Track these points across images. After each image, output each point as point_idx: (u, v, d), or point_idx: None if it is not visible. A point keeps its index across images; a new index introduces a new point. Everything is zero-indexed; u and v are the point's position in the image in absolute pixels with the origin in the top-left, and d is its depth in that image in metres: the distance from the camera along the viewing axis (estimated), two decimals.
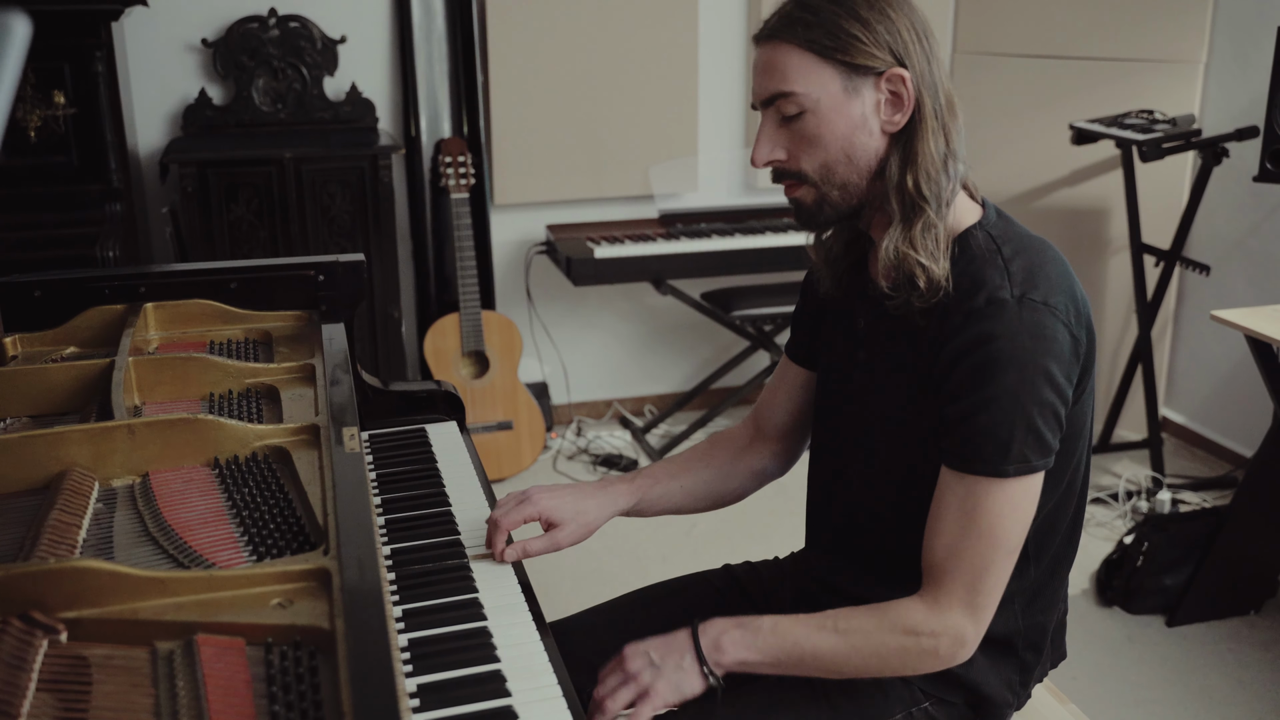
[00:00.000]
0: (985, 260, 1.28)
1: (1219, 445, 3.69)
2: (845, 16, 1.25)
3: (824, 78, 1.26)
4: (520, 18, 3.58)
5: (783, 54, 1.28)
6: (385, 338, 3.46)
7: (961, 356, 1.24)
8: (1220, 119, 3.51)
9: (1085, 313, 1.29)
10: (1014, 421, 1.22)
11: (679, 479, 1.57)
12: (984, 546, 1.25)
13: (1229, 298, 3.52)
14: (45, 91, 2.97)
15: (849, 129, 1.28)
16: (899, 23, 1.26)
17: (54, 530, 1.19)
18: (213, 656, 1.02)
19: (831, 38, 1.25)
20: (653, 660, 1.30)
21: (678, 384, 4.15)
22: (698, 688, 1.29)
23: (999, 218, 1.36)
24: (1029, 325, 1.22)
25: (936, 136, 1.29)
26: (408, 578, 1.38)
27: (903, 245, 1.28)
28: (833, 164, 1.30)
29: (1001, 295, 1.24)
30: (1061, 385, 1.24)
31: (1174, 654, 2.70)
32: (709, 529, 3.21)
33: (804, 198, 1.34)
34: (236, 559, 1.20)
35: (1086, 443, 1.37)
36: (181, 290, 1.79)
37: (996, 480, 1.23)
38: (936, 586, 1.27)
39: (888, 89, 1.27)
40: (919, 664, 1.29)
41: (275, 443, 1.42)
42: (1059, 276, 1.27)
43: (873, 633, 1.28)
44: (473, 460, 1.75)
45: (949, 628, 1.26)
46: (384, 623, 1.03)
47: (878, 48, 1.25)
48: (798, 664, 1.30)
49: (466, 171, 3.43)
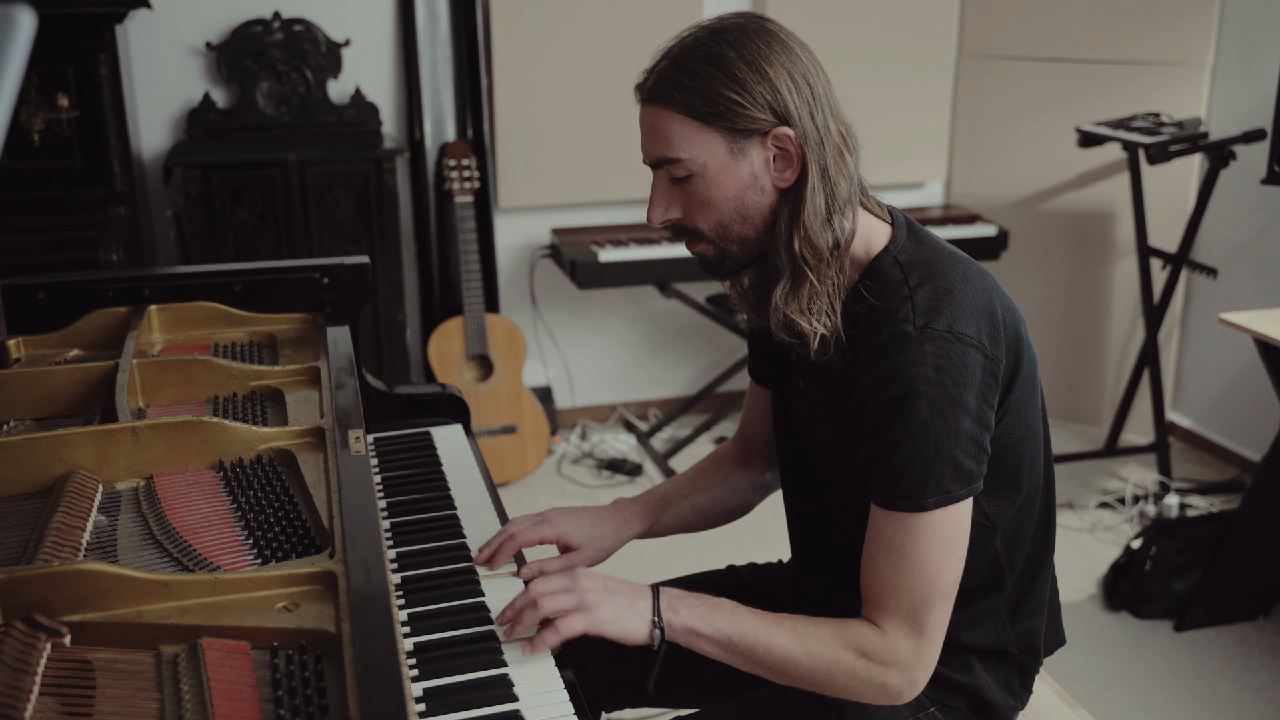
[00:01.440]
0: (891, 291, 1.26)
1: (1227, 449, 3.67)
2: (722, 80, 1.22)
3: (708, 142, 1.25)
4: (524, 20, 3.57)
5: (664, 119, 1.26)
6: (389, 341, 3.45)
7: (871, 394, 1.24)
8: (1227, 122, 3.50)
9: (1009, 327, 1.27)
10: (928, 455, 1.21)
11: (690, 499, 1.59)
12: (918, 583, 1.24)
13: (1236, 301, 3.50)
14: (49, 95, 2.97)
15: (739, 189, 1.26)
16: (777, 79, 1.23)
17: (57, 532, 1.18)
18: (218, 660, 1.01)
19: (710, 104, 1.22)
20: (607, 587, 1.28)
21: (682, 388, 4.14)
22: (640, 635, 1.26)
23: (910, 238, 1.32)
24: (934, 356, 1.21)
25: (816, 196, 1.25)
26: (413, 581, 1.38)
27: (788, 309, 1.28)
28: (727, 223, 1.29)
29: (904, 329, 1.22)
30: (977, 410, 1.22)
31: (1182, 659, 2.68)
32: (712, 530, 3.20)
33: (705, 252, 1.33)
34: (241, 562, 1.19)
35: (1039, 445, 1.36)
36: (186, 293, 1.79)
37: (921, 515, 1.22)
38: (879, 616, 1.26)
39: (774, 146, 1.25)
40: (864, 691, 1.27)
41: (280, 445, 1.41)
42: (970, 298, 1.25)
43: (829, 644, 1.26)
44: (478, 464, 1.75)
45: (898, 658, 1.25)
46: (392, 626, 1.02)
47: (758, 109, 1.22)
48: (747, 653, 1.27)
49: (471, 175, 3.43)
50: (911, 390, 1.20)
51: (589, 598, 1.26)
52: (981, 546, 1.34)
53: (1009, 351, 1.26)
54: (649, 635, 1.26)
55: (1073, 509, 3.36)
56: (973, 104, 4.01)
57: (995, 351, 1.24)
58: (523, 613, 1.25)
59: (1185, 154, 3.30)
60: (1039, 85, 3.84)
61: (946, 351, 1.21)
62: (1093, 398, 3.94)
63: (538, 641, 1.24)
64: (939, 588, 1.24)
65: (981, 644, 1.40)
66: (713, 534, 3.14)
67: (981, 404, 1.23)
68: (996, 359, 1.24)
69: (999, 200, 4.00)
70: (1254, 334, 2.52)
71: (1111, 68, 3.69)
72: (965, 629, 1.39)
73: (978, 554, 1.34)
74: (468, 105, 3.63)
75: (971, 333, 1.22)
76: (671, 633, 1.27)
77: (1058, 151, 3.79)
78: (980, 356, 1.22)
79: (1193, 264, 3.43)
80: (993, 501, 1.33)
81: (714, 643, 1.28)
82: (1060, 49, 3.78)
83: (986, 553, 1.35)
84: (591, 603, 1.25)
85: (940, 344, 1.21)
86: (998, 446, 1.28)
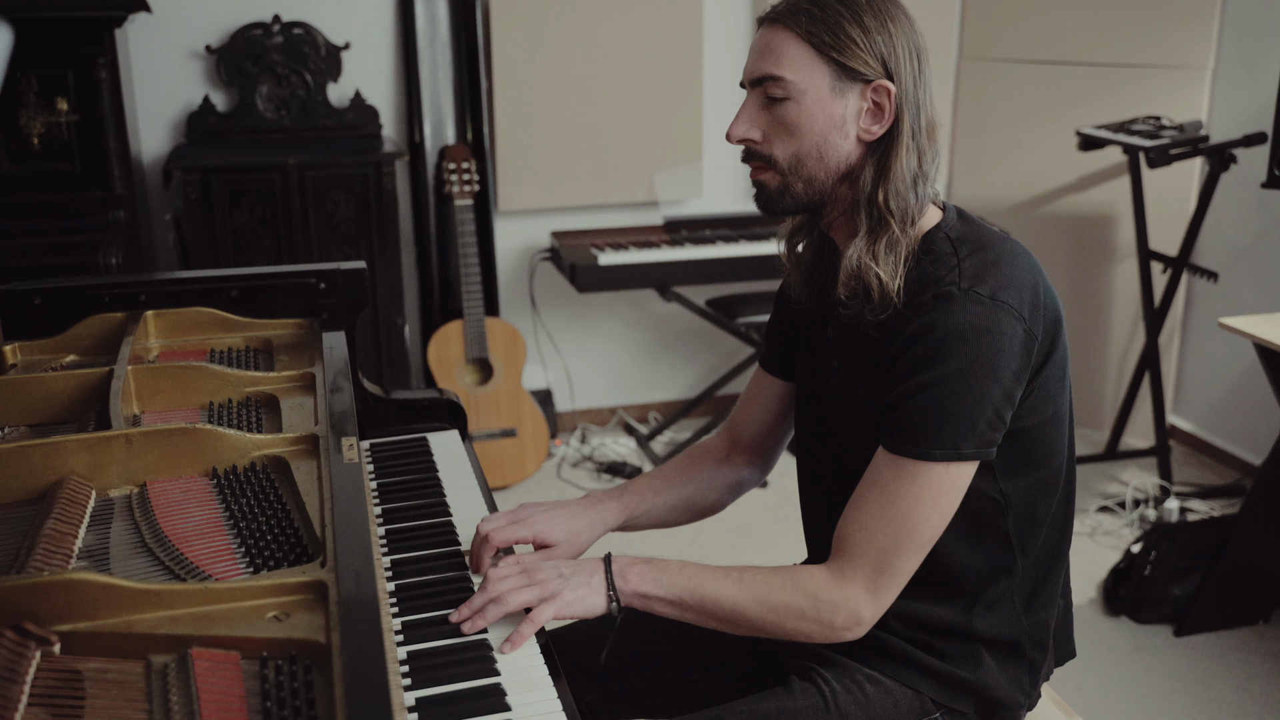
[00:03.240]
0: (940, 261, 1.30)
1: (1227, 453, 3.66)
2: (849, 19, 1.28)
3: (815, 72, 1.29)
4: (524, 23, 3.57)
5: (782, 39, 1.30)
6: (389, 344, 3.45)
7: (906, 346, 1.27)
8: (1228, 125, 3.49)
9: (1049, 309, 1.30)
10: (945, 407, 1.23)
11: (662, 494, 1.59)
12: (896, 529, 1.27)
13: (1237, 304, 3.49)
14: (48, 98, 2.97)
15: (827, 126, 1.30)
16: (898, 38, 1.29)
17: (49, 540, 1.18)
18: (207, 671, 1.00)
19: (831, 35, 1.28)
20: (561, 572, 1.32)
21: (682, 391, 4.14)
22: (600, 608, 1.31)
23: (960, 219, 1.36)
24: (972, 317, 1.24)
25: (910, 155, 1.30)
26: (407, 589, 1.37)
27: (865, 257, 1.30)
28: (804, 156, 1.32)
29: (948, 289, 1.26)
30: (1004, 378, 1.24)
31: (1182, 664, 2.68)
32: (713, 536, 3.20)
33: (769, 182, 1.36)
34: (233, 571, 1.18)
35: (1063, 432, 1.37)
36: (182, 298, 1.78)
37: (922, 464, 1.25)
38: (843, 559, 1.30)
39: (872, 98, 1.30)
40: (812, 630, 1.30)
41: (274, 453, 1.40)
42: (1016, 271, 1.28)
43: (775, 589, 1.30)
44: (474, 469, 1.74)
45: (848, 600, 1.29)
46: (380, 637, 1.01)
47: (871, 56, 1.28)
48: (697, 606, 1.32)
49: (470, 178, 3.43)
50: (944, 345, 1.24)
51: (550, 586, 1.30)
52: (992, 523, 1.35)
53: (1046, 331, 1.29)
54: (607, 608, 1.31)
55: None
56: (973, 107, 4.00)
57: (1034, 326, 1.26)
58: (485, 609, 1.28)
59: (1186, 157, 3.29)
60: (1039, 88, 3.83)
61: (987, 316, 1.24)
62: (1093, 401, 3.93)
63: (516, 637, 1.26)
64: (915, 537, 1.27)
65: (995, 634, 1.39)
66: (713, 539, 3.14)
67: (1011, 375, 1.25)
68: (1034, 334, 1.26)
69: (999, 203, 3.99)
70: (1254, 339, 2.52)
71: (1112, 71, 3.69)
72: (979, 616, 1.39)
73: (989, 530, 1.35)
74: (467, 108, 3.63)
75: (1014, 303, 1.25)
76: (625, 599, 1.32)
77: (1058, 155, 3.78)
78: (1019, 328, 1.25)
79: (1193, 267, 3.42)
80: (1009, 479, 1.33)
81: (666, 603, 1.33)
82: (1060, 52, 3.78)
83: (997, 530, 1.36)
84: (553, 590, 1.30)
85: (981, 307, 1.24)
86: (1023, 424, 1.30)
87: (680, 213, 3.81)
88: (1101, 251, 3.82)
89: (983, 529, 1.35)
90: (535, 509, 1.48)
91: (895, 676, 1.40)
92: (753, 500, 2.68)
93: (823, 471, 1.49)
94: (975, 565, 1.36)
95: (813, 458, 1.51)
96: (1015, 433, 1.30)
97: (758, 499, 3.14)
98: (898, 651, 1.39)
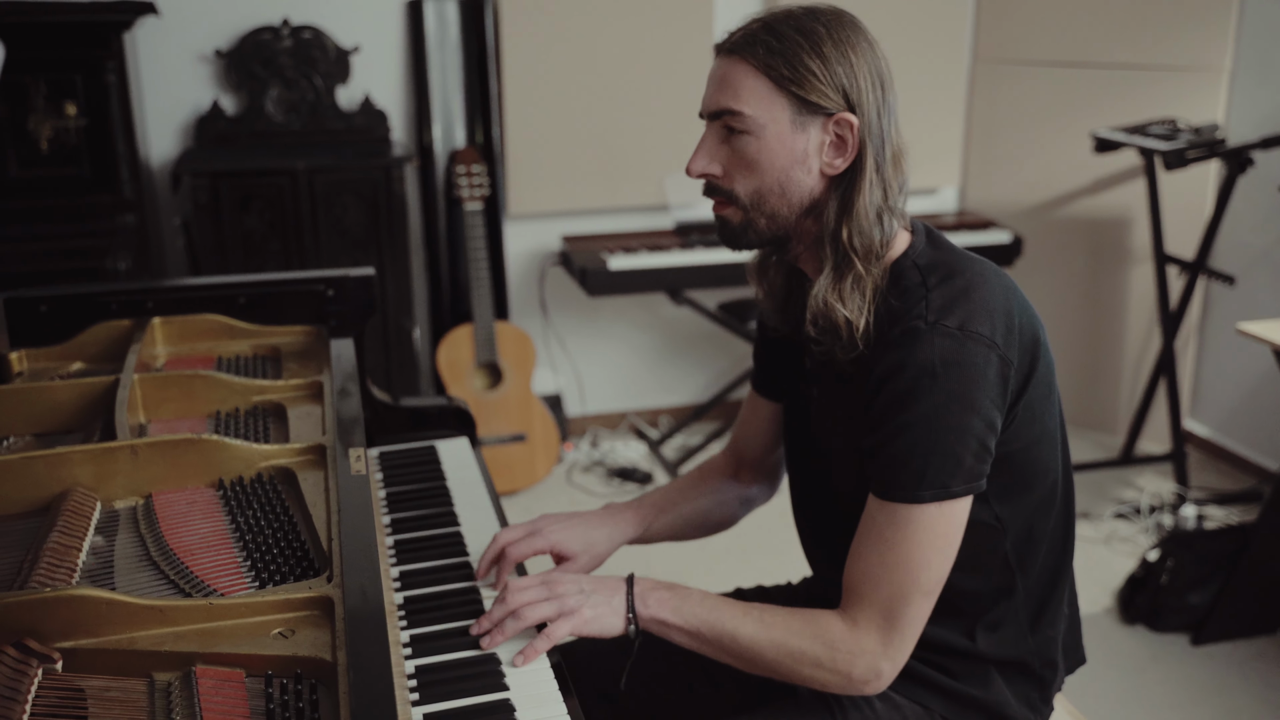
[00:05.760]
0: (907, 293, 1.27)
1: (1244, 459, 3.63)
2: (807, 50, 1.24)
3: (775, 106, 1.25)
4: (534, 27, 3.56)
5: (740, 72, 1.26)
6: (398, 349, 3.43)
7: (879, 386, 1.24)
8: (1245, 127, 3.46)
9: (1026, 330, 1.26)
10: (927, 447, 1.20)
11: (680, 507, 1.58)
12: (899, 577, 1.24)
13: (1255, 309, 3.46)
14: (57, 103, 2.96)
15: (788, 162, 1.27)
16: (859, 68, 1.25)
17: (53, 553, 1.16)
18: (211, 689, 0.99)
19: (790, 68, 1.24)
20: (583, 588, 1.30)
21: (693, 395, 4.12)
22: (617, 629, 1.29)
23: (929, 244, 1.32)
24: (942, 351, 1.20)
25: (874, 189, 1.27)
26: (416, 601, 1.36)
27: (830, 297, 1.27)
28: (765, 192, 1.29)
29: (915, 325, 1.22)
30: (983, 408, 1.21)
31: (1199, 674, 2.65)
32: (721, 549, 3.17)
33: (731, 217, 1.33)
34: (238, 585, 1.17)
35: (1055, 450, 1.34)
36: (189, 305, 1.77)
37: (915, 507, 1.22)
38: (855, 608, 1.27)
39: (834, 131, 1.26)
40: (828, 680, 1.28)
41: (280, 463, 1.39)
42: (987, 297, 1.24)
43: (795, 633, 1.27)
44: (483, 478, 1.73)
45: (865, 652, 1.26)
46: (386, 655, 1.00)
47: (832, 89, 1.24)
48: (715, 641, 1.29)
49: (481, 182, 3.41)
50: (915, 383, 1.20)
51: (569, 602, 1.28)
52: (990, 547, 1.33)
53: (1024, 354, 1.25)
54: (624, 630, 1.29)
55: (1088, 519, 3.32)
56: (987, 109, 3.97)
57: (1009, 352, 1.23)
58: (504, 623, 1.26)
59: (1202, 160, 3.25)
60: (1054, 90, 3.81)
61: (956, 348, 1.20)
62: (1108, 406, 3.90)
63: (530, 651, 1.25)
64: (921, 583, 1.24)
65: (1002, 655, 1.38)
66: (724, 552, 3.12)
67: (989, 404, 1.22)
68: (1009, 359, 1.23)
69: (1014, 206, 3.96)
70: (1272, 344, 2.49)
71: (1127, 73, 3.66)
72: (983, 637, 1.37)
73: (987, 555, 1.33)
74: (477, 112, 3.61)
75: (985, 331, 1.22)
76: (643, 624, 1.30)
77: (1073, 157, 3.75)
78: (993, 356, 1.22)
79: (1210, 271, 3.38)
80: (1004, 503, 1.31)
81: (683, 632, 1.30)
82: (1076, 54, 3.75)
83: (996, 554, 1.34)
84: (572, 606, 1.28)
85: (950, 340, 1.20)
86: (1011, 448, 1.27)
87: (691, 216, 3.79)
88: (1117, 255, 3.79)
89: (981, 554, 1.32)
90: (552, 520, 1.47)
91: (905, 693, 1.38)
92: (766, 506, 2.65)
93: (810, 489, 1.49)
94: (974, 589, 1.34)
95: (801, 477, 1.51)
96: (1004, 457, 1.27)
97: (771, 504, 3.11)
98: (908, 668, 1.37)
